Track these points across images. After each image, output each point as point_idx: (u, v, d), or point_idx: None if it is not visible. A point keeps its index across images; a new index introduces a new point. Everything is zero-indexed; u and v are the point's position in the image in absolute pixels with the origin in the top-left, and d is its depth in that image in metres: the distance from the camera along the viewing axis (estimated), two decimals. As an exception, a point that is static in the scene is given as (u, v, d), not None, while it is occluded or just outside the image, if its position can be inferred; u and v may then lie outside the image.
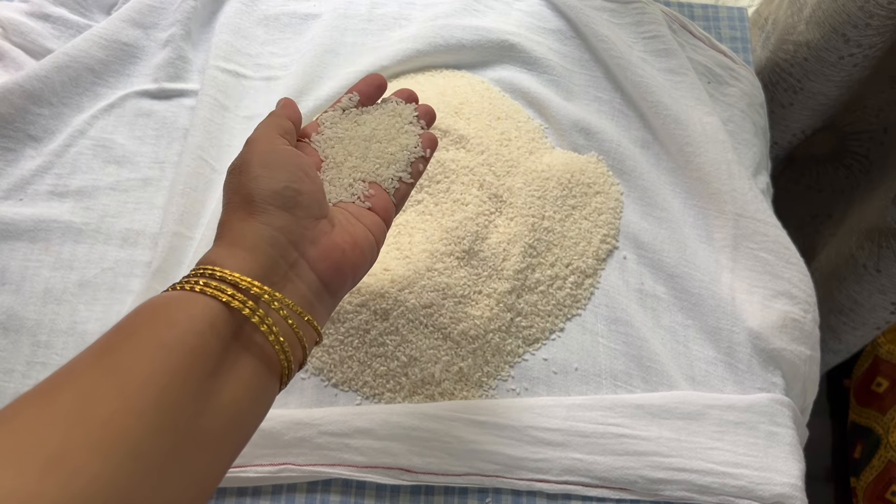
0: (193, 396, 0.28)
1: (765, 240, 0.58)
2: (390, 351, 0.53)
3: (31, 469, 0.22)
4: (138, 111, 0.65)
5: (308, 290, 0.34)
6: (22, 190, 0.60)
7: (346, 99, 0.45)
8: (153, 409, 0.26)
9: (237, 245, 0.33)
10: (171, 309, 0.29)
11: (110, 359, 0.27)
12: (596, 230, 0.59)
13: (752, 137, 0.66)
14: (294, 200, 0.34)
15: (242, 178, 0.34)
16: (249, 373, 0.31)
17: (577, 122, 0.64)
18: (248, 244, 0.33)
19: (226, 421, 0.29)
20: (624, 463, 0.50)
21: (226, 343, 0.30)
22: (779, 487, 0.50)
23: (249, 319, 0.30)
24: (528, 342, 0.55)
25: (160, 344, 0.27)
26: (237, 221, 0.33)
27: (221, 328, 0.29)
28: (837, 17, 0.68)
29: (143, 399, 0.26)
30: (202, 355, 0.28)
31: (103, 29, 0.65)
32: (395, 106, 0.45)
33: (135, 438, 0.25)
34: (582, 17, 0.69)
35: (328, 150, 0.42)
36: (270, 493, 0.51)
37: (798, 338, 0.56)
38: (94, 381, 0.26)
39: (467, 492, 0.51)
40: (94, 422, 0.24)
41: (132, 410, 0.25)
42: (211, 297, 0.30)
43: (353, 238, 0.37)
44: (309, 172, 0.37)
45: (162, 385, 0.26)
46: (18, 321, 0.55)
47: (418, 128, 0.45)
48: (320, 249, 0.35)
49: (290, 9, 0.71)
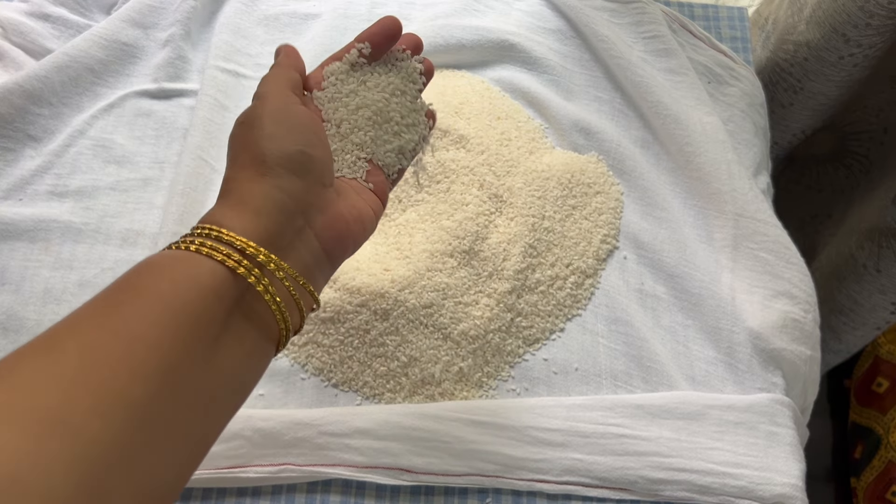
0: (196, 362, 0.27)
1: (765, 240, 0.58)
2: (390, 351, 0.53)
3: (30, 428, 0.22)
4: (138, 111, 0.65)
5: (310, 257, 0.34)
6: (22, 190, 0.60)
7: (356, 52, 0.41)
8: (156, 374, 0.25)
9: (245, 206, 0.31)
10: (175, 271, 0.28)
11: (115, 318, 0.26)
12: (596, 230, 0.59)
13: (753, 137, 0.66)
14: (306, 166, 0.33)
15: (255, 134, 0.33)
16: (249, 339, 0.30)
17: (577, 122, 0.64)
18: (257, 206, 0.31)
19: (225, 385, 0.29)
20: (624, 463, 0.50)
21: (229, 309, 0.29)
22: (779, 487, 0.50)
23: (253, 287, 0.30)
24: (529, 342, 0.55)
25: (165, 307, 0.27)
26: (246, 181, 0.32)
27: (225, 295, 0.29)
28: (837, 16, 0.68)
29: (147, 364, 0.25)
30: (206, 322, 0.28)
31: (103, 29, 0.65)
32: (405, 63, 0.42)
33: (137, 402, 0.24)
34: (582, 17, 0.69)
35: (332, 113, 0.40)
36: (270, 493, 0.51)
37: (798, 338, 0.56)
38: (97, 341, 0.25)
39: (467, 492, 0.51)
40: (97, 383, 0.24)
41: (136, 375, 0.25)
42: (218, 262, 0.29)
43: (358, 211, 0.36)
44: (321, 136, 0.36)
45: (167, 350, 0.26)
46: (18, 321, 0.55)
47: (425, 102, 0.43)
48: (327, 218, 0.34)
49: (290, 9, 0.71)
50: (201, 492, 0.50)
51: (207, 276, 0.28)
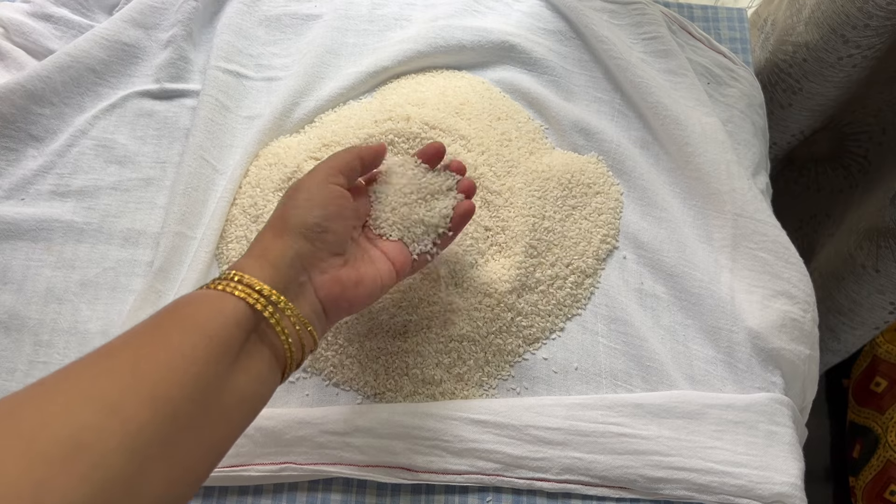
0: (220, 377, 0.33)
1: (764, 240, 0.59)
2: (391, 352, 0.53)
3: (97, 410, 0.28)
4: (140, 111, 0.65)
5: (310, 308, 0.40)
6: (24, 190, 0.60)
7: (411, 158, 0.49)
8: (192, 382, 0.32)
9: (263, 258, 0.39)
10: (207, 305, 0.35)
11: (161, 336, 0.33)
12: (596, 230, 0.60)
13: (752, 138, 0.67)
14: (319, 235, 0.40)
15: (290, 203, 0.41)
16: (262, 364, 0.36)
17: (577, 123, 0.64)
18: (272, 259, 0.39)
19: (240, 398, 0.35)
20: (624, 462, 0.51)
21: (247, 335, 0.36)
22: (778, 486, 0.50)
23: (267, 319, 0.37)
24: (529, 342, 0.55)
25: (200, 331, 0.34)
26: (269, 239, 0.40)
27: (244, 323, 0.35)
28: (836, 18, 0.68)
29: (185, 372, 0.32)
30: (230, 345, 0.34)
31: (105, 29, 0.65)
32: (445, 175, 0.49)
33: (176, 402, 0.31)
34: (582, 18, 0.69)
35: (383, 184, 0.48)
36: (272, 491, 0.51)
37: (797, 337, 0.56)
38: (147, 351, 0.32)
39: (468, 490, 0.51)
40: (147, 382, 0.30)
41: (175, 381, 0.31)
42: (240, 299, 0.36)
43: (359, 277, 0.42)
44: (344, 214, 0.42)
45: (199, 363, 0.32)
46: (20, 320, 0.55)
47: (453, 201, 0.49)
48: (326, 279, 0.41)
49: (292, 9, 0.72)
50: (203, 490, 0.51)
51: (231, 309, 0.35)
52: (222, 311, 0.35)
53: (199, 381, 0.32)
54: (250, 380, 0.35)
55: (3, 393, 0.53)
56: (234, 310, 0.35)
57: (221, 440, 0.34)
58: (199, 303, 0.35)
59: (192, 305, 0.35)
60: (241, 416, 0.36)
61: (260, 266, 0.38)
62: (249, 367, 0.35)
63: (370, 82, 0.67)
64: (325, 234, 0.40)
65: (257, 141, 0.62)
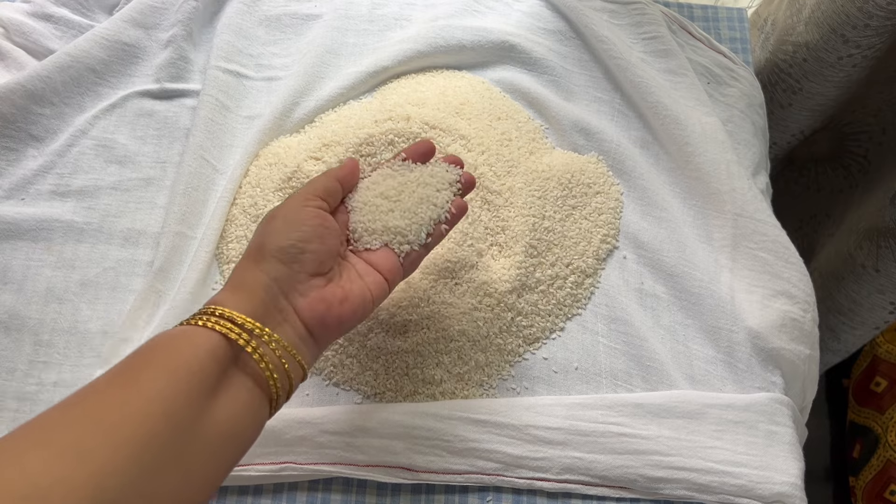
0: (194, 409, 0.33)
1: (764, 239, 0.59)
2: (391, 352, 0.53)
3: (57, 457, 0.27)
4: (140, 111, 0.65)
5: (294, 333, 0.39)
6: (24, 189, 0.60)
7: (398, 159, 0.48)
8: (161, 417, 0.31)
9: (240, 288, 0.39)
10: (179, 340, 0.35)
11: (129, 377, 0.33)
12: (596, 230, 0.60)
13: (752, 138, 0.67)
14: (295, 257, 0.39)
15: (265, 229, 0.41)
16: (244, 394, 0.36)
17: (576, 123, 0.64)
18: (248, 289, 0.38)
19: (223, 432, 0.34)
20: (624, 462, 0.51)
21: (224, 367, 0.35)
22: (778, 486, 0.50)
23: (244, 349, 0.36)
24: (529, 341, 0.55)
25: (169, 366, 0.33)
26: (244, 270, 0.40)
27: (221, 356, 0.35)
28: (836, 17, 0.68)
29: (150, 408, 0.31)
30: (202, 376, 0.34)
31: (105, 29, 0.65)
32: (438, 169, 0.48)
33: (145, 440, 0.30)
34: (582, 18, 0.69)
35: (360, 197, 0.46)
36: (272, 491, 0.51)
37: (797, 337, 0.56)
38: (113, 393, 0.32)
39: (468, 490, 0.51)
40: (111, 424, 0.30)
41: (143, 417, 0.31)
42: (212, 329, 0.35)
43: (345, 294, 0.41)
44: (323, 234, 0.41)
45: (168, 399, 0.32)
46: (20, 320, 0.55)
47: (450, 194, 0.47)
48: (307, 301, 0.40)
49: (292, 9, 0.72)
50: (203, 490, 0.51)
51: (205, 341, 0.35)
52: (194, 346, 0.34)
53: (170, 418, 0.31)
54: (233, 413, 0.35)
55: (2, 393, 0.53)
56: (206, 342, 0.35)
57: (207, 475, 0.34)
58: (171, 340, 0.35)
59: (164, 343, 0.35)
60: (226, 451, 0.35)
61: (236, 297, 0.38)
62: (231, 401, 0.35)
63: (370, 82, 0.67)
64: (301, 255, 0.40)
65: (257, 141, 0.62)
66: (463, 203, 0.48)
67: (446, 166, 0.48)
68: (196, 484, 0.33)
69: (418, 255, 0.46)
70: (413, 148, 0.49)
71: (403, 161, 0.48)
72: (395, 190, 0.46)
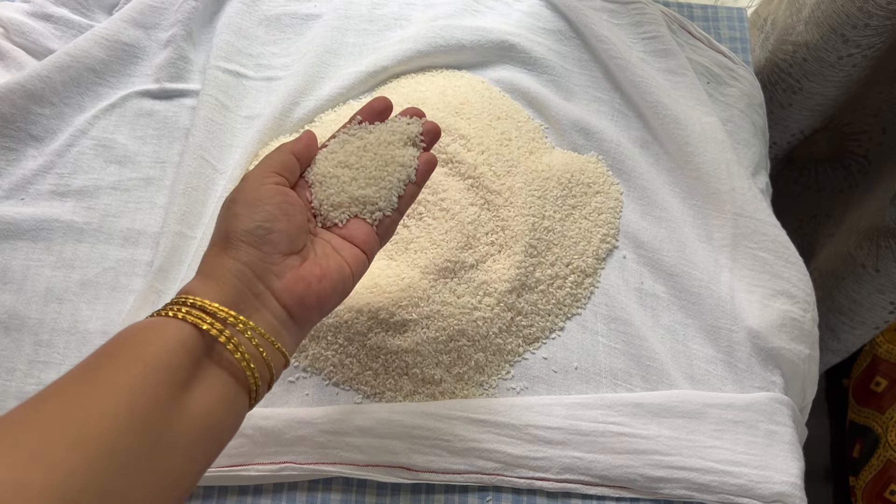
0: (165, 404, 0.31)
1: (764, 239, 0.59)
2: (391, 351, 0.53)
3: (16, 462, 0.26)
4: (139, 111, 0.65)
5: (274, 318, 0.37)
6: (24, 189, 0.60)
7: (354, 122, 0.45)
8: (126, 413, 0.29)
9: (210, 277, 0.37)
10: (147, 332, 0.33)
11: (92, 373, 0.31)
12: (596, 230, 0.60)
13: (752, 137, 0.67)
14: (264, 238, 0.38)
15: (227, 215, 0.38)
16: (220, 386, 0.34)
17: (576, 122, 0.64)
18: (219, 276, 0.36)
19: (197, 427, 0.32)
20: (624, 461, 0.51)
21: (196, 359, 0.33)
22: (778, 486, 0.50)
23: (218, 339, 0.34)
24: (529, 341, 0.55)
25: (135, 359, 0.31)
26: (212, 256, 0.38)
27: (192, 347, 0.33)
28: (836, 17, 0.68)
29: (117, 404, 0.29)
30: (172, 369, 0.32)
31: (105, 29, 0.65)
32: (397, 124, 0.45)
33: (109, 438, 0.28)
34: (581, 18, 0.69)
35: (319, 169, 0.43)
36: (272, 491, 0.51)
37: (797, 337, 0.56)
38: (75, 391, 0.30)
39: (468, 490, 0.51)
40: (74, 423, 0.28)
41: (107, 414, 0.29)
42: (182, 320, 0.34)
43: (322, 271, 0.39)
44: (288, 210, 0.39)
45: (135, 393, 0.30)
46: (20, 320, 0.55)
47: (416, 150, 0.44)
48: (284, 282, 0.38)
49: (291, 9, 0.72)
50: (203, 490, 0.51)
51: (174, 332, 0.33)
52: (162, 336, 0.33)
53: (135, 412, 0.29)
54: (207, 407, 0.33)
55: (2, 393, 0.53)
56: (177, 333, 0.33)
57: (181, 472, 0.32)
58: (140, 332, 0.33)
59: (132, 336, 0.33)
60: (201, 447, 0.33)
61: (206, 285, 0.36)
62: (205, 394, 0.33)
63: (370, 82, 0.67)
64: (270, 234, 0.38)
65: (257, 140, 0.62)
66: (430, 156, 0.45)
67: (406, 120, 0.45)
68: (169, 482, 0.31)
69: (393, 221, 0.44)
70: (367, 107, 0.45)
71: (360, 124, 0.45)
72: (354, 156, 0.43)
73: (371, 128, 0.45)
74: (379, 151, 0.43)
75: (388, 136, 0.44)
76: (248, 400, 0.36)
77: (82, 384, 0.30)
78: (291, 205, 0.40)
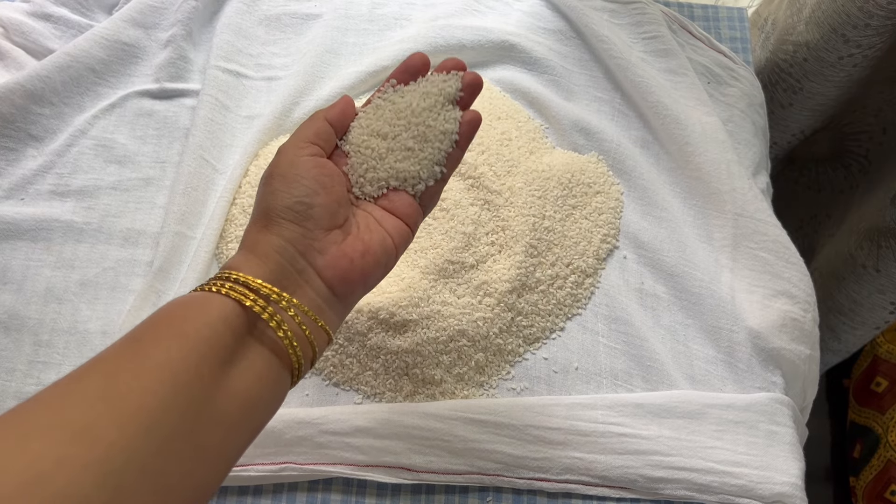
0: (206, 381, 0.30)
1: (764, 239, 0.59)
2: (391, 352, 0.53)
3: (58, 438, 0.25)
4: (139, 111, 0.65)
5: (317, 295, 0.36)
6: (23, 189, 0.60)
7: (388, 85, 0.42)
8: (168, 389, 0.29)
9: (253, 252, 0.36)
10: (189, 307, 0.32)
11: (134, 347, 0.31)
12: (596, 230, 0.59)
13: (752, 137, 0.66)
14: (305, 214, 0.37)
15: (265, 190, 0.37)
16: (262, 364, 0.33)
17: (577, 122, 0.64)
18: (261, 252, 0.36)
19: (239, 405, 0.32)
20: (624, 462, 0.51)
21: (239, 336, 0.33)
22: (779, 486, 0.50)
23: (261, 317, 0.33)
24: (529, 341, 0.55)
25: (177, 334, 0.31)
26: (254, 232, 0.37)
27: (234, 322, 0.32)
28: (837, 17, 0.68)
29: (158, 380, 0.29)
30: (214, 345, 0.31)
31: (104, 29, 0.65)
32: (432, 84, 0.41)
33: (150, 414, 0.28)
34: (582, 18, 0.69)
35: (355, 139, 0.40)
36: (272, 491, 0.51)
37: (798, 337, 0.56)
38: (117, 365, 0.29)
39: (468, 490, 0.51)
40: (115, 398, 0.27)
41: (148, 389, 0.28)
42: (225, 295, 0.33)
43: (366, 245, 0.38)
44: (326, 183, 0.38)
45: (176, 369, 0.29)
46: (20, 320, 0.55)
47: (456, 111, 0.41)
48: (328, 258, 0.37)
49: (291, 9, 0.72)
50: (203, 490, 0.51)
51: (217, 307, 0.32)
52: (204, 312, 0.32)
53: (178, 387, 0.29)
54: (249, 385, 0.32)
55: (1, 393, 0.53)
56: (219, 309, 0.32)
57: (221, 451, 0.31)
58: (182, 307, 0.33)
59: (175, 310, 0.33)
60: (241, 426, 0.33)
61: (248, 261, 0.35)
62: (247, 372, 0.32)
63: (370, 82, 0.67)
64: (310, 210, 0.36)
65: (257, 140, 0.62)
66: (474, 115, 0.42)
67: (442, 77, 0.41)
68: (210, 461, 0.30)
69: (436, 189, 0.42)
70: (403, 66, 0.42)
71: (395, 87, 0.42)
72: (389, 125, 0.40)
73: (405, 90, 0.41)
74: (414, 119, 0.40)
75: (423, 101, 0.40)
76: (290, 378, 0.35)
77: (124, 359, 0.30)
78: (330, 176, 0.38)
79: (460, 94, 0.41)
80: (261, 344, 0.33)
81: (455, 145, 0.41)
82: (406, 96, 0.41)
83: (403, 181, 0.40)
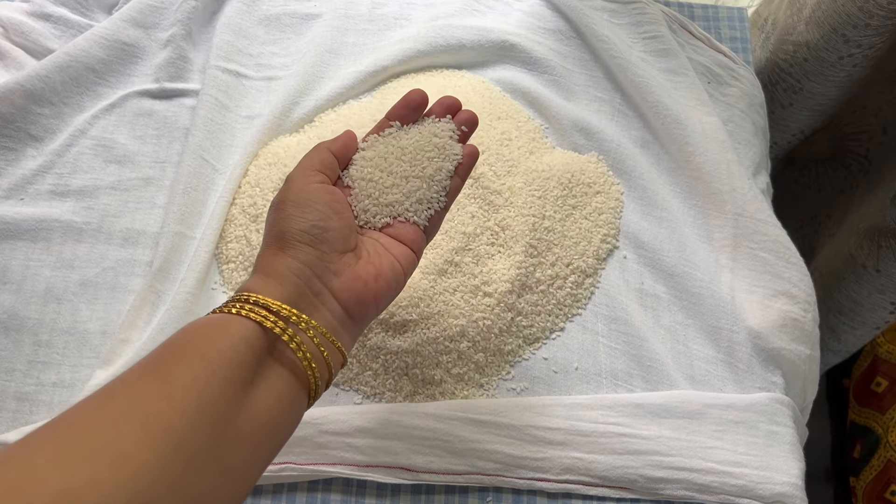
0: (230, 401, 0.31)
1: (764, 239, 0.59)
2: (391, 352, 0.53)
3: (88, 454, 0.26)
4: (139, 111, 0.65)
5: (332, 317, 0.38)
6: (23, 189, 0.60)
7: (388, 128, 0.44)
8: (194, 410, 0.29)
9: (269, 275, 0.37)
10: (211, 328, 0.33)
11: (158, 368, 0.31)
12: (596, 230, 0.59)
13: (752, 137, 0.66)
14: (320, 237, 0.38)
15: (278, 216, 0.38)
16: (282, 385, 0.34)
17: (577, 122, 0.64)
18: (278, 275, 0.37)
19: (260, 425, 0.33)
20: (624, 462, 0.51)
21: (259, 357, 0.33)
22: (779, 486, 0.50)
23: (280, 338, 0.34)
24: (529, 341, 0.55)
25: (200, 356, 0.31)
26: (270, 256, 0.38)
27: (255, 344, 0.33)
28: (837, 17, 0.68)
29: (184, 400, 0.29)
30: (237, 366, 0.32)
31: (104, 29, 0.65)
32: (432, 125, 0.44)
33: (177, 433, 0.28)
34: (582, 18, 0.69)
35: (358, 173, 0.43)
36: (272, 492, 0.51)
37: (798, 337, 0.56)
38: (143, 386, 0.30)
39: (468, 491, 0.51)
40: (143, 417, 0.28)
41: (175, 409, 0.29)
42: (246, 317, 0.34)
43: (377, 269, 0.39)
44: (338, 209, 0.40)
45: (201, 389, 0.30)
46: (20, 320, 0.55)
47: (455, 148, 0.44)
48: (343, 281, 0.38)
49: (291, 9, 0.72)
50: (202, 490, 0.50)
51: (238, 329, 0.33)
52: (227, 334, 0.33)
53: (203, 408, 0.30)
54: (270, 405, 0.33)
55: (1, 393, 0.53)
56: (240, 331, 0.33)
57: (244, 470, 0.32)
58: (204, 329, 0.33)
59: (197, 332, 0.33)
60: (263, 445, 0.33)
61: (266, 283, 0.36)
62: (268, 392, 0.33)
63: (370, 82, 0.67)
64: (325, 234, 0.38)
65: (257, 140, 0.62)
66: (472, 149, 0.44)
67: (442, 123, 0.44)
68: (234, 480, 0.31)
69: (438, 217, 0.44)
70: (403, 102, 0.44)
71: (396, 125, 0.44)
72: (391, 159, 0.43)
73: (407, 130, 0.44)
74: (417, 157, 0.43)
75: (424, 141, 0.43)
76: (307, 398, 0.36)
77: (149, 379, 0.30)
78: (340, 203, 0.40)
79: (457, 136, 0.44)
80: (280, 365, 0.34)
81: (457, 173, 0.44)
82: (407, 136, 0.43)
83: (406, 212, 0.42)
